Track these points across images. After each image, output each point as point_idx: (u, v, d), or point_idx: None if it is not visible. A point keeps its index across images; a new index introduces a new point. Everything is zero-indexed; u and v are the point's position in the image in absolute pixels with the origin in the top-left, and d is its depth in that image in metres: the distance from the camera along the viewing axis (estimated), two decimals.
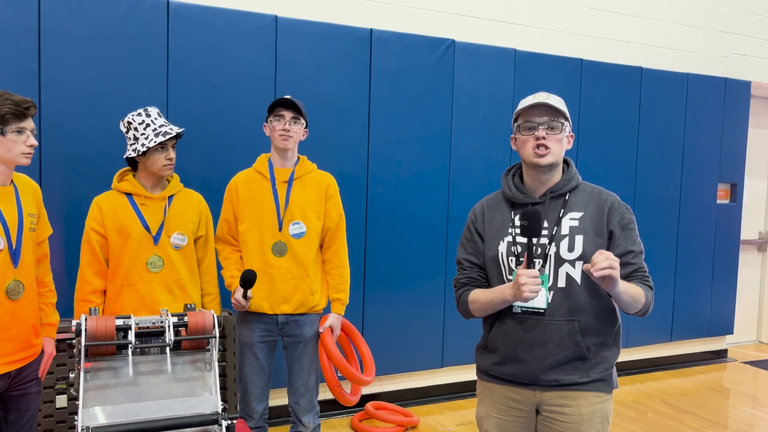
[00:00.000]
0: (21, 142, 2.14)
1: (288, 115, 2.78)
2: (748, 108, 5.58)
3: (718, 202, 5.51)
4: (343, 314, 2.98)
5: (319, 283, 2.92)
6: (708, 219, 5.44)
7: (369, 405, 4.10)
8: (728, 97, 5.45)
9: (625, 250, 1.94)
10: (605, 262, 1.71)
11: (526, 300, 1.85)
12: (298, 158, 2.91)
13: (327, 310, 2.97)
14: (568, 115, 1.99)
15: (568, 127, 1.99)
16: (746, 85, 5.55)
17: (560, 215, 1.97)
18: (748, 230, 6.00)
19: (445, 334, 4.38)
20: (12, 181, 2.24)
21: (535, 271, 1.83)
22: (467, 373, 4.51)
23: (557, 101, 1.97)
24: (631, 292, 1.86)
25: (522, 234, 1.88)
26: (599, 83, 4.84)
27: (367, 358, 3.26)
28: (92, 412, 1.68)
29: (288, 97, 2.80)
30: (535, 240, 1.92)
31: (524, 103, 1.99)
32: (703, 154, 5.38)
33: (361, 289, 4.08)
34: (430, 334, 4.34)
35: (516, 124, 2.01)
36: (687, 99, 5.25)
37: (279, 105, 2.79)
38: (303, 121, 2.83)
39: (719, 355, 5.74)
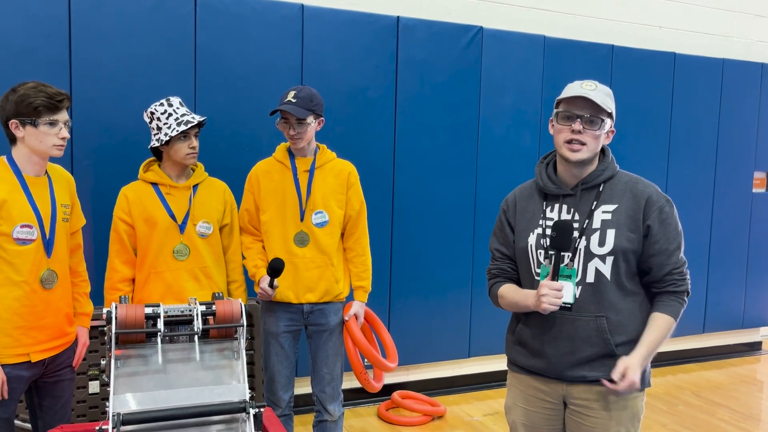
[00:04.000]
0: (53, 134, 2.16)
1: (293, 118, 2.71)
2: None
3: (754, 191, 5.37)
4: (366, 302, 3.00)
5: (342, 271, 2.92)
6: (743, 208, 5.31)
7: (396, 394, 4.10)
8: (765, 83, 5.29)
9: (661, 249, 1.87)
10: (629, 388, 1.80)
11: (544, 311, 1.83)
12: (318, 147, 2.90)
13: (349, 297, 2.99)
14: (612, 110, 1.89)
15: (609, 123, 1.90)
16: None
17: (592, 207, 1.91)
18: None
19: (471, 324, 4.36)
20: (46, 171, 2.27)
21: (558, 284, 1.81)
22: (494, 363, 4.49)
23: (602, 96, 1.86)
24: (661, 338, 1.87)
25: (550, 245, 1.85)
26: (631, 70, 4.73)
27: (389, 345, 3.28)
28: (123, 399, 1.70)
29: (293, 101, 2.69)
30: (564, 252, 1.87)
31: (568, 91, 1.90)
32: (738, 142, 5.24)
33: (387, 279, 4.08)
34: (456, 323, 4.32)
35: (556, 111, 1.93)
36: (722, 85, 5.11)
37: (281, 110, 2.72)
38: (311, 117, 2.74)
39: (753, 348, 5.62)
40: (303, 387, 3.71)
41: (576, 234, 1.89)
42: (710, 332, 5.31)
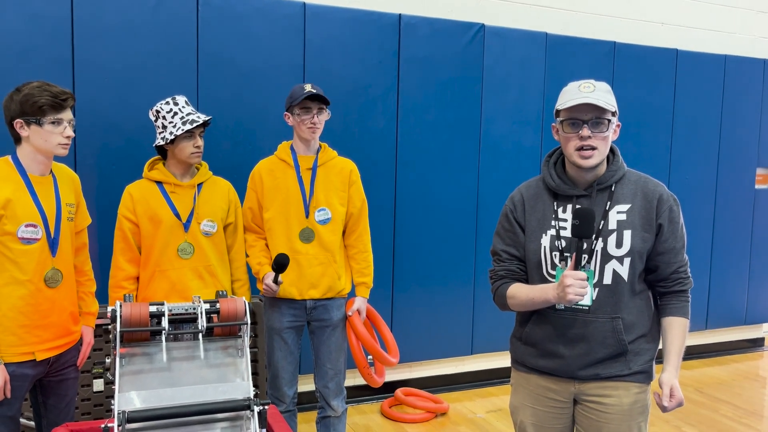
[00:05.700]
0: (58, 133, 2.17)
1: (315, 107, 2.79)
2: None
3: (757, 187, 5.36)
4: (368, 297, 3.01)
5: (344, 267, 2.96)
6: (746, 205, 5.31)
7: (399, 391, 4.11)
8: None
9: (669, 247, 1.89)
10: (678, 405, 1.87)
11: (570, 303, 1.80)
12: (320, 145, 2.92)
13: (351, 293, 3.00)
14: (615, 108, 1.85)
15: (615, 120, 1.87)
16: None
17: (607, 208, 1.89)
18: None
19: (474, 321, 4.37)
20: (51, 171, 2.28)
21: (582, 273, 1.77)
22: (497, 360, 4.49)
23: (603, 95, 1.83)
24: (684, 342, 1.92)
25: (573, 234, 1.81)
26: (633, 67, 4.73)
27: (390, 340, 3.31)
28: (128, 397, 1.71)
29: (314, 90, 2.76)
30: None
31: (568, 98, 1.84)
32: (741, 138, 5.23)
33: (390, 276, 4.09)
34: (459, 321, 4.33)
35: (559, 119, 1.89)
36: (725, 82, 5.10)
37: (308, 99, 2.77)
38: (327, 109, 2.85)
39: (756, 344, 5.63)
40: (306, 384, 3.72)
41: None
42: (713, 329, 5.31)
